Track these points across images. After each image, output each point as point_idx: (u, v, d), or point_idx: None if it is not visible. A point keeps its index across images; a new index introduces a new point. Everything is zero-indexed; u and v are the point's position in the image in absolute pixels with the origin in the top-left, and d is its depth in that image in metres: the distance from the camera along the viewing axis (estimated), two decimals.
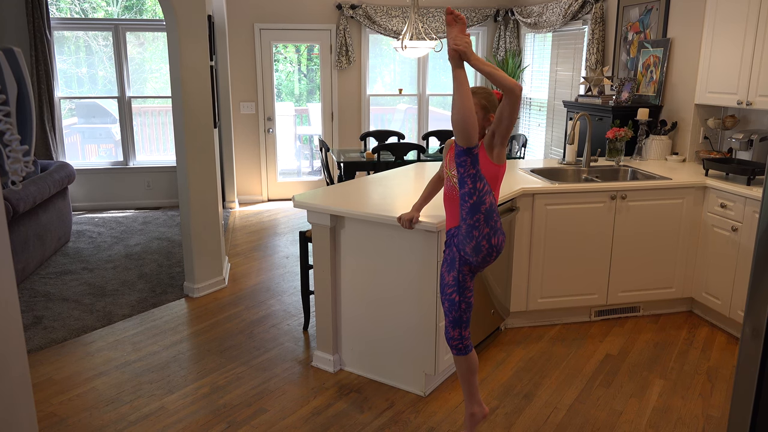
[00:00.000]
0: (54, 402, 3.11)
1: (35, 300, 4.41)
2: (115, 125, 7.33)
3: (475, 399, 2.72)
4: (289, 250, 5.64)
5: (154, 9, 7.23)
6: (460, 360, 2.65)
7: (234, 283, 4.78)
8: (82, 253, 5.49)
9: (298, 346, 3.74)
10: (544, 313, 4.04)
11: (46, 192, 5.09)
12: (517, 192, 3.67)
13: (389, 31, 7.32)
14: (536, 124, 7.33)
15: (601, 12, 5.79)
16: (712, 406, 3.10)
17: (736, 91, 4.01)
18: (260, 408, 3.07)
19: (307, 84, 7.87)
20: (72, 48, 7.05)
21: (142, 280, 4.83)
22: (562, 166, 4.49)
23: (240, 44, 7.10)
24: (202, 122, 4.36)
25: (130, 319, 4.11)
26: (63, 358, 3.57)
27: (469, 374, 2.67)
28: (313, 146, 8.25)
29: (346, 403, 3.11)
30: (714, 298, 3.95)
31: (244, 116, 7.33)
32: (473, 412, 2.73)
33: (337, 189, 3.61)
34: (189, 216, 4.41)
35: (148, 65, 7.32)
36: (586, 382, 3.33)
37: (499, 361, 3.56)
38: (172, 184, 7.31)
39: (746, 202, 3.65)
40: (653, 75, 5.03)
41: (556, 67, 6.81)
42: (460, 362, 2.65)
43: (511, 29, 7.54)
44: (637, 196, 3.91)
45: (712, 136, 4.61)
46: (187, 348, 3.71)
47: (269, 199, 7.69)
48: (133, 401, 3.12)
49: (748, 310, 2.03)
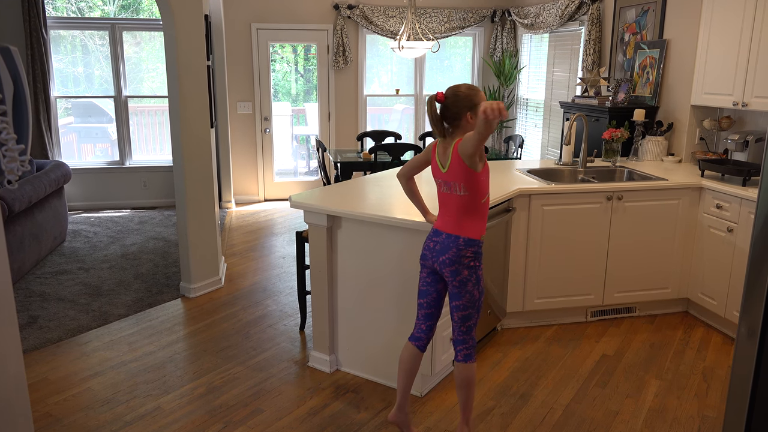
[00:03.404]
0: (49, 402, 3.10)
1: (31, 300, 4.39)
2: (111, 125, 7.32)
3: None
4: (286, 250, 5.63)
5: (150, 8, 7.21)
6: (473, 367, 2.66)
7: (230, 283, 4.78)
8: (77, 252, 5.48)
9: (294, 346, 3.74)
10: (541, 314, 4.05)
11: (42, 191, 5.07)
12: (513, 192, 3.67)
13: (386, 32, 7.32)
14: (533, 125, 7.34)
15: (598, 13, 5.80)
16: (708, 406, 3.11)
17: (731, 93, 4.03)
18: (256, 408, 3.06)
19: (304, 84, 7.87)
20: (68, 47, 7.03)
21: (138, 280, 4.82)
22: (559, 167, 4.49)
23: (237, 44, 7.10)
24: (198, 122, 4.35)
25: (126, 319, 4.10)
26: (58, 358, 3.56)
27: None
28: (310, 146, 8.25)
29: (342, 404, 3.11)
30: (709, 299, 3.97)
31: (241, 116, 7.33)
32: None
33: (333, 189, 3.61)
34: (185, 216, 4.40)
35: (145, 65, 7.31)
36: (583, 382, 3.34)
37: (495, 361, 3.57)
38: (169, 183, 7.30)
39: (742, 203, 3.66)
40: (649, 76, 5.04)
41: (553, 67, 6.82)
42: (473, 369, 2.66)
43: (508, 30, 7.55)
44: (633, 196, 3.92)
45: (708, 137, 4.62)
46: (183, 348, 3.71)
47: (266, 199, 7.68)
48: (128, 401, 3.12)
49: (743, 311, 2.04)
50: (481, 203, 2.54)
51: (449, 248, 2.53)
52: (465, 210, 2.53)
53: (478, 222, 2.55)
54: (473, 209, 2.53)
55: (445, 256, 2.54)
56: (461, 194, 2.52)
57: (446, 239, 2.55)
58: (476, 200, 2.52)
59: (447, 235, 2.55)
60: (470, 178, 2.48)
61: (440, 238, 2.57)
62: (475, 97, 2.51)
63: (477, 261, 2.57)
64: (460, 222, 2.54)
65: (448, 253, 2.53)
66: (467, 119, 2.51)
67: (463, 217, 2.54)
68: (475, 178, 2.48)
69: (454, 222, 2.55)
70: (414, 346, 2.72)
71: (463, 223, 2.53)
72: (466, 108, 2.50)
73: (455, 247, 2.52)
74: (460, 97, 2.51)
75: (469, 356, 2.63)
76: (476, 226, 2.54)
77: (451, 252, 2.53)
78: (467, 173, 2.47)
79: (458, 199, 2.54)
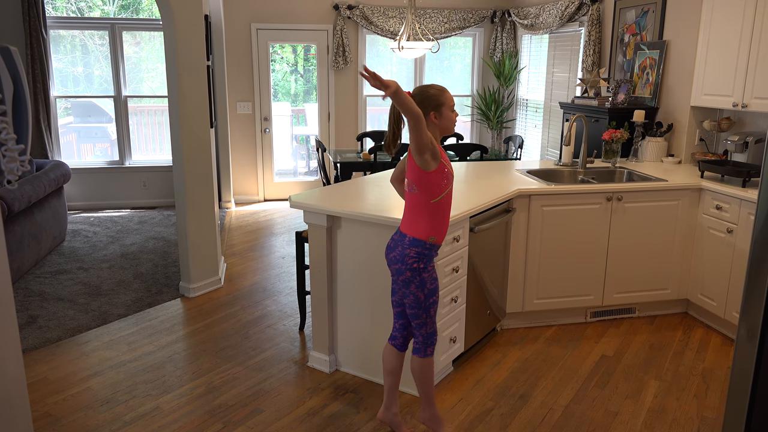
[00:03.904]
0: (49, 402, 3.10)
1: (30, 299, 4.39)
2: (111, 124, 7.31)
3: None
4: (286, 250, 5.63)
5: (150, 8, 7.21)
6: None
7: (230, 283, 4.77)
8: (77, 252, 5.47)
9: (294, 346, 3.74)
10: (540, 314, 4.05)
11: (42, 191, 5.07)
12: (513, 193, 3.67)
13: (386, 32, 7.32)
14: (533, 126, 7.34)
15: (598, 14, 5.80)
16: (707, 407, 3.11)
17: (731, 94, 4.03)
18: (256, 408, 3.06)
19: (303, 84, 7.87)
20: (68, 47, 7.03)
21: (137, 279, 4.82)
22: (559, 168, 4.49)
23: (237, 44, 7.10)
24: (198, 122, 4.35)
25: (125, 319, 4.10)
26: (58, 358, 3.56)
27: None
28: (310, 146, 8.25)
29: (341, 404, 3.11)
30: (709, 300, 3.97)
31: (241, 116, 7.32)
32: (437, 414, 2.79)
33: (333, 189, 3.61)
34: (185, 216, 4.40)
35: (145, 64, 7.31)
36: (582, 383, 3.34)
37: (495, 361, 3.57)
38: (168, 183, 7.30)
39: (741, 204, 3.66)
40: (649, 77, 5.04)
41: (553, 68, 6.82)
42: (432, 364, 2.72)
43: (507, 30, 7.55)
44: (633, 197, 3.92)
45: (708, 138, 4.62)
46: (182, 348, 3.71)
47: (265, 199, 7.68)
48: (128, 401, 3.12)
49: (743, 312, 2.04)
50: (430, 203, 2.51)
51: (396, 246, 2.56)
52: (415, 209, 2.54)
53: (428, 222, 2.52)
54: (422, 209, 2.52)
55: (392, 253, 2.57)
56: (414, 192, 2.54)
57: (397, 237, 2.59)
58: (425, 200, 2.51)
59: (398, 233, 2.60)
60: (420, 176, 2.49)
61: (395, 236, 2.61)
62: (441, 97, 2.52)
63: (422, 263, 2.53)
64: (410, 221, 2.55)
65: (395, 252, 2.56)
66: (431, 119, 2.52)
67: (413, 216, 2.55)
68: (425, 177, 2.48)
69: (406, 220, 2.58)
70: (392, 346, 2.75)
71: (412, 222, 2.54)
72: (431, 107, 2.51)
73: (401, 245, 2.54)
74: (426, 96, 2.51)
75: (418, 350, 2.66)
76: (425, 226, 2.52)
77: (396, 250, 2.55)
78: (417, 171, 2.49)
79: (410, 197, 2.56)
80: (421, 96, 2.51)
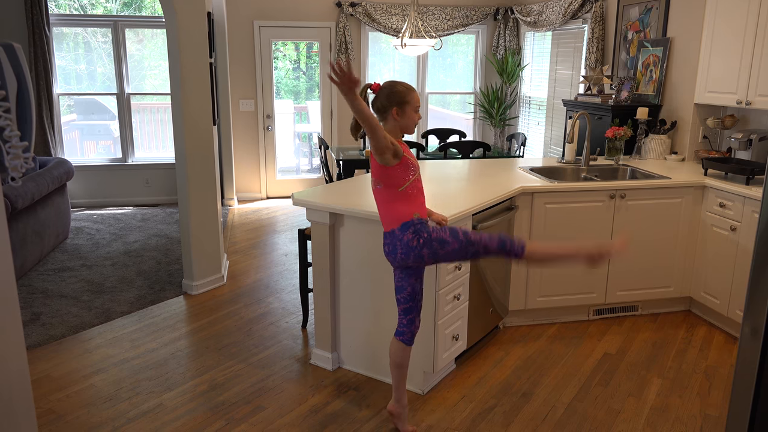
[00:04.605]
0: (52, 399, 3.11)
1: (33, 297, 4.40)
2: (113, 122, 7.32)
3: None
4: (288, 247, 5.63)
5: (153, 6, 7.21)
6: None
7: (232, 281, 4.78)
8: (80, 249, 5.48)
9: (296, 343, 3.74)
10: (543, 312, 4.04)
11: (45, 188, 5.08)
12: (516, 191, 3.67)
13: (389, 29, 7.31)
14: (535, 123, 7.33)
15: (601, 11, 5.79)
16: (710, 405, 3.11)
17: (735, 91, 4.02)
18: (258, 405, 3.07)
19: (306, 82, 7.86)
20: (71, 44, 7.03)
21: (140, 277, 4.82)
22: (561, 165, 4.49)
23: (239, 41, 7.09)
24: (201, 119, 4.35)
25: (128, 316, 4.10)
26: (61, 355, 3.57)
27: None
28: (313, 144, 8.24)
29: (344, 401, 3.11)
30: (712, 298, 3.96)
31: (244, 113, 7.33)
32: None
33: (336, 187, 3.61)
34: (188, 213, 4.40)
35: (147, 62, 7.31)
36: (585, 380, 3.34)
37: (497, 359, 3.57)
38: (171, 181, 7.30)
39: (745, 202, 3.65)
40: (653, 74, 5.03)
41: (556, 65, 6.81)
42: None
43: (510, 28, 7.54)
44: (636, 195, 3.92)
45: (712, 136, 4.61)
46: (185, 345, 3.71)
47: (268, 196, 7.68)
48: (131, 398, 3.12)
49: (747, 310, 2.04)
50: (399, 192, 2.53)
51: (395, 245, 2.56)
52: (387, 202, 2.56)
53: (404, 205, 2.53)
54: (393, 198, 2.54)
55: (397, 253, 2.57)
56: (379, 188, 2.56)
57: (388, 239, 2.59)
58: (393, 191, 2.52)
59: (387, 235, 2.60)
60: (381, 171, 2.51)
61: (386, 240, 2.62)
62: (407, 96, 2.53)
63: (424, 233, 2.51)
64: (388, 215, 2.56)
65: (399, 251, 2.55)
66: (393, 115, 2.53)
67: (388, 210, 2.56)
68: (385, 172, 2.50)
69: (385, 218, 2.59)
70: (399, 341, 2.75)
71: (390, 214, 2.55)
72: (395, 103, 2.51)
73: (397, 241, 2.54)
74: (393, 91, 2.52)
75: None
76: (403, 209, 2.53)
77: (398, 247, 2.55)
78: (378, 168, 2.51)
79: (378, 193, 2.58)
80: (388, 90, 2.53)
